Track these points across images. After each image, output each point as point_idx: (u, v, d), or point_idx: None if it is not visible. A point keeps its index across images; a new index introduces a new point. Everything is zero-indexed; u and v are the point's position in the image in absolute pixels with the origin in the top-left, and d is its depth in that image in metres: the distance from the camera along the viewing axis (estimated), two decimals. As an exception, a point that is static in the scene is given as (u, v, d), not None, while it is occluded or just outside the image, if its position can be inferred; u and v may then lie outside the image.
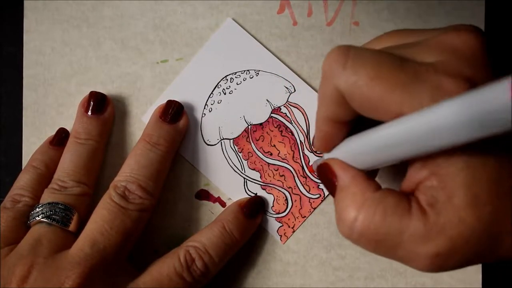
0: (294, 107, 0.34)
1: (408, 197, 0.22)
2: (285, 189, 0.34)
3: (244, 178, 0.34)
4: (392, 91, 0.21)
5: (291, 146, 0.34)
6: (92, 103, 0.33)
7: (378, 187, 0.23)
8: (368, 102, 0.21)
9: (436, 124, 0.18)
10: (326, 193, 0.34)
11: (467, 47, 0.22)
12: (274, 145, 0.34)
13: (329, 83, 0.23)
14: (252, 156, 0.34)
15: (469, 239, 0.21)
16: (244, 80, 0.34)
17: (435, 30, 0.24)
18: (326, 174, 0.25)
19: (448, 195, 0.21)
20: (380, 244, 0.22)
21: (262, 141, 0.34)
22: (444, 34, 0.22)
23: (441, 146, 0.19)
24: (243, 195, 0.34)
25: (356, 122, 0.24)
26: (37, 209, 0.30)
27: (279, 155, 0.34)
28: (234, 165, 0.34)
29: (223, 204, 0.35)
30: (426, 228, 0.21)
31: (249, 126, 0.35)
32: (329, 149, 0.26)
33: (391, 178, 0.33)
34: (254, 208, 0.33)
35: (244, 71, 0.34)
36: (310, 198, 0.34)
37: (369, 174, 0.26)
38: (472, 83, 0.20)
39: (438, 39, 0.22)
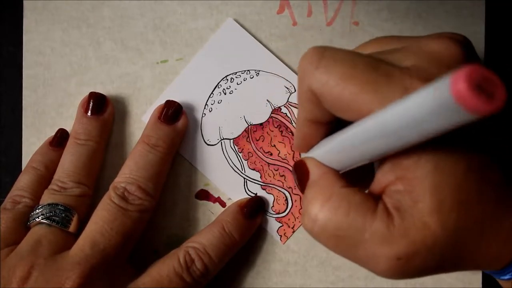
0: (295, 107, 0.34)
1: (375, 198, 0.22)
2: (285, 189, 0.34)
3: (244, 178, 0.34)
4: (363, 92, 0.20)
5: (291, 146, 0.34)
6: (91, 103, 0.33)
7: (347, 185, 0.23)
8: (339, 102, 0.21)
9: (385, 124, 0.18)
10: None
11: (446, 54, 0.21)
12: (274, 145, 0.34)
13: (303, 84, 0.23)
14: (252, 156, 0.34)
15: (431, 246, 0.20)
16: (244, 80, 0.34)
17: (421, 37, 0.23)
18: (300, 171, 0.25)
19: (414, 199, 0.20)
20: (341, 241, 0.21)
21: (262, 141, 0.34)
22: (425, 40, 0.22)
23: (395, 146, 0.19)
24: (243, 195, 0.34)
25: (337, 125, 0.24)
26: (37, 210, 0.30)
27: (279, 155, 0.34)
28: (234, 165, 0.34)
29: (223, 204, 0.35)
30: (389, 230, 0.20)
31: (249, 126, 0.35)
32: (306, 149, 0.26)
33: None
34: (254, 208, 0.33)
35: (245, 71, 0.34)
36: (310, 198, 0.34)
37: (356, 178, 0.26)
38: None
39: (418, 45, 0.22)
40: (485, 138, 0.22)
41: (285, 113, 0.34)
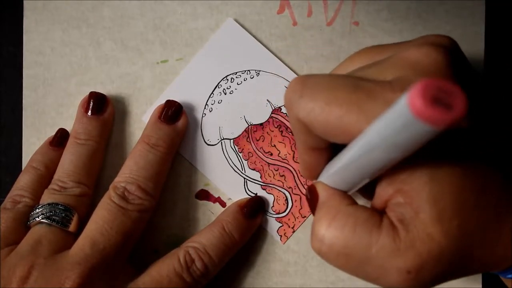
0: (294, 107, 0.34)
1: (380, 213, 0.22)
2: (285, 189, 0.34)
3: (244, 178, 0.34)
4: (348, 113, 0.20)
5: (291, 146, 0.34)
6: (92, 103, 0.33)
7: (353, 203, 0.23)
8: (328, 127, 0.21)
9: (368, 143, 0.19)
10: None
11: (428, 61, 0.21)
12: (275, 145, 0.34)
13: (291, 114, 0.23)
14: (252, 156, 0.34)
15: (438, 256, 0.20)
16: (244, 80, 0.34)
17: (405, 45, 0.23)
18: (311, 195, 0.25)
19: (415, 210, 0.21)
20: (349, 259, 0.22)
21: (263, 141, 0.34)
22: (406, 50, 0.22)
23: (385, 162, 0.19)
24: (243, 195, 0.34)
25: (339, 147, 0.24)
26: (37, 209, 0.30)
27: (279, 155, 0.34)
28: (234, 165, 0.34)
29: (223, 204, 0.35)
30: (396, 243, 0.21)
31: (250, 126, 0.35)
32: (314, 176, 0.26)
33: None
34: (254, 209, 0.33)
35: (245, 71, 0.34)
36: (310, 198, 0.34)
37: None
38: None
39: (400, 56, 0.22)
40: (480, 145, 0.22)
41: (285, 113, 0.34)
